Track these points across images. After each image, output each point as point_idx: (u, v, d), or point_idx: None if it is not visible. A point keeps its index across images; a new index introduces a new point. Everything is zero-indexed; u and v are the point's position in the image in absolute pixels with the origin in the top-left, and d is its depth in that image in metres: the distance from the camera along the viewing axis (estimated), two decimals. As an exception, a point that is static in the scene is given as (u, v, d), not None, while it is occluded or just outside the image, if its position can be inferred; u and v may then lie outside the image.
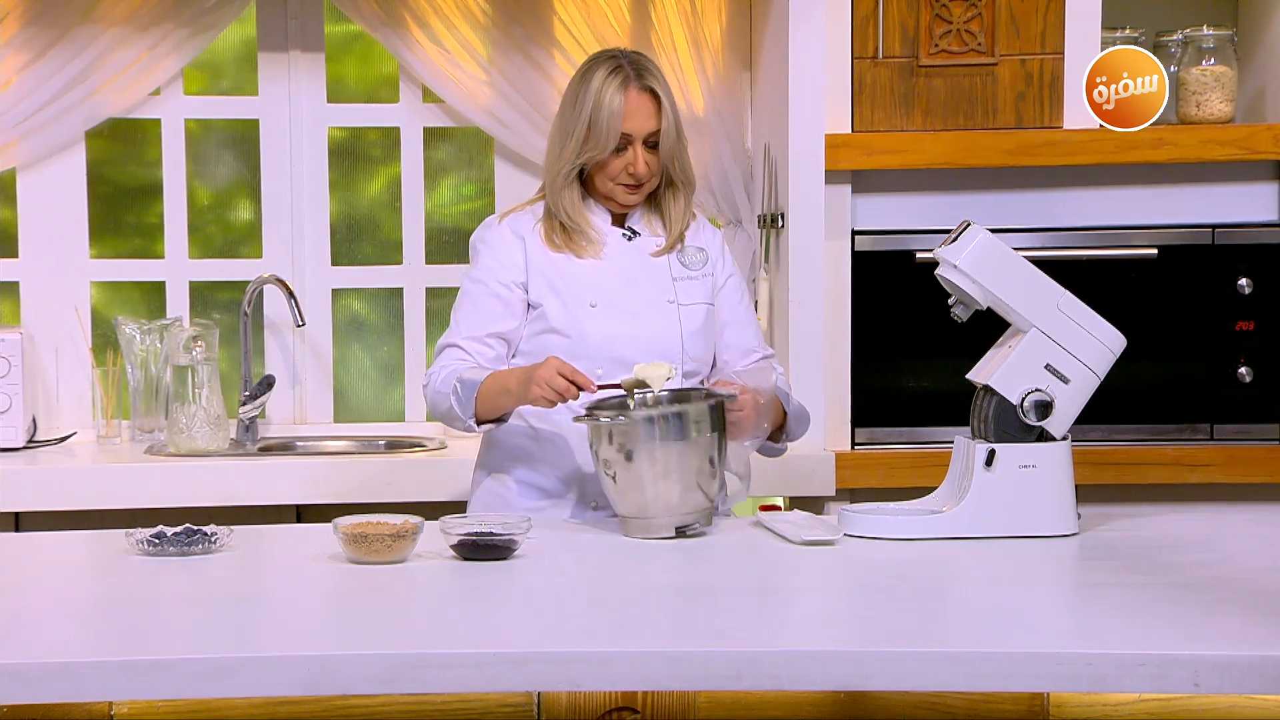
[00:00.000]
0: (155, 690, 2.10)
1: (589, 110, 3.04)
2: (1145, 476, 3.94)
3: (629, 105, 3.04)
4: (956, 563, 2.69)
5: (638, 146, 3.06)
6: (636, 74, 3.05)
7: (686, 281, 3.15)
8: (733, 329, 3.20)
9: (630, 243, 3.15)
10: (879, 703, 2.28)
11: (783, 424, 3.09)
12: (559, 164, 3.09)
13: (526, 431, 3.11)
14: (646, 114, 3.06)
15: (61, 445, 4.19)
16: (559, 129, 3.11)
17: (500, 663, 2.11)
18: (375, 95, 4.47)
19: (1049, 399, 2.86)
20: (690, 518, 2.84)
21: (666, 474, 2.80)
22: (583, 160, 3.07)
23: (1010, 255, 2.91)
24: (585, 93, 3.05)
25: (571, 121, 3.07)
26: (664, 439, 2.81)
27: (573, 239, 3.11)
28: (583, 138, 3.05)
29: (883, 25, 3.92)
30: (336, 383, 4.46)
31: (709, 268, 3.18)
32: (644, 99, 3.06)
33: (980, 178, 3.98)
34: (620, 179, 3.08)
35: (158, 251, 4.40)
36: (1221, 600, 2.40)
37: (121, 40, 4.21)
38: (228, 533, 2.78)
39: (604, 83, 3.04)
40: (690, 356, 3.10)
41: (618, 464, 2.82)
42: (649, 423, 2.81)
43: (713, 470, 2.85)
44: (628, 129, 3.04)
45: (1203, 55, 4.04)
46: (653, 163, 3.09)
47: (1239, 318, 4.00)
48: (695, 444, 2.83)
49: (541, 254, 3.11)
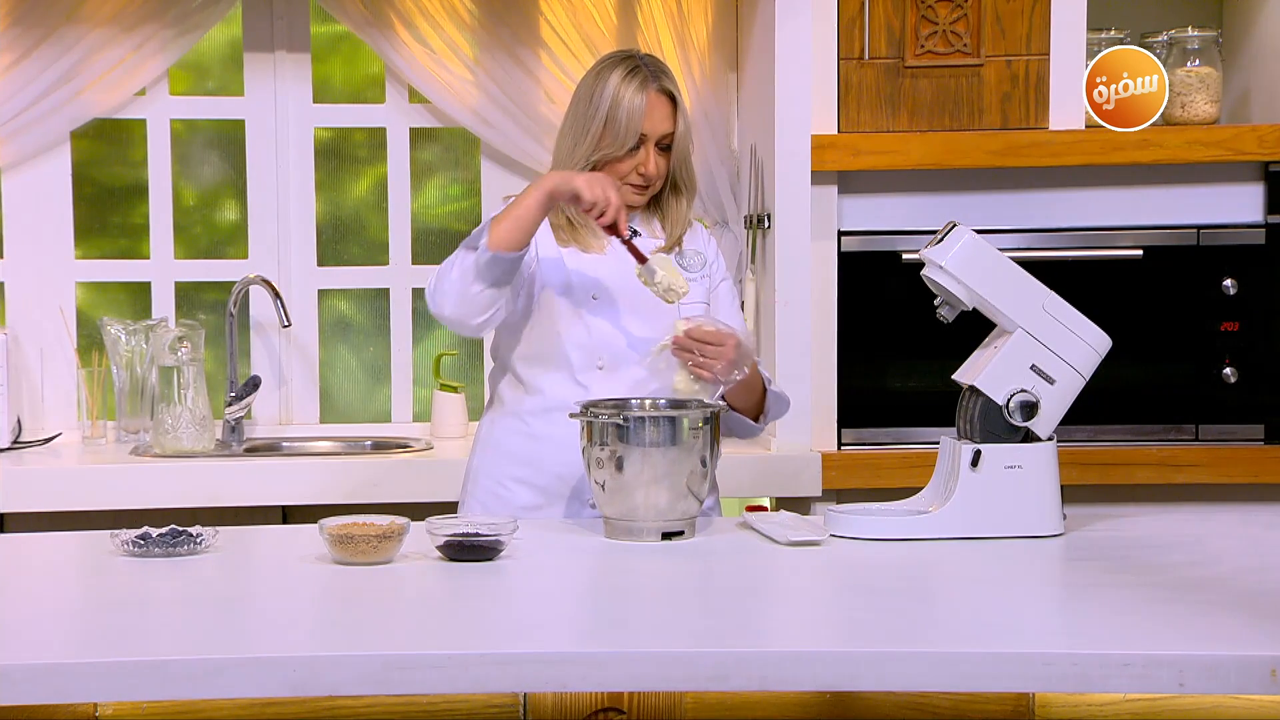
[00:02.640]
0: (141, 691, 2.10)
1: (606, 108, 3.04)
2: (1131, 477, 3.95)
3: (648, 105, 3.04)
4: (942, 563, 2.69)
5: (650, 147, 3.07)
6: (655, 75, 3.06)
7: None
8: None
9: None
10: (865, 703, 2.29)
11: (761, 401, 3.10)
12: (571, 160, 3.08)
13: (523, 431, 3.11)
14: (663, 115, 3.06)
15: (47, 446, 4.19)
16: (571, 126, 3.10)
17: (486, 663, 2.11)
18: (361, 96, 4.47)
19: (1034, 400, 2.87)
20: (678, 524, 2.83)
21: (656, 480, 2.80)
22: (598, 157, 3.06)
23: (996, 256, 2.91)
24: (602, 91, 3.05)
25: (586, 120, 3.06)
26: (656, 444, 2.81)
27: (578, 232, 3.12)
28: (598, 135, 3.05)
29: (869, 26, 3.92)
30: (322, 383, 4.46)
31: (706, 270, 3.19)
32: (662, 100, 3.06)
33: (966, 178, 3.98)
34: (630, 179, 3.09)
35: (143, 252, 4.39)
36: (1207, 600, 2.40)
37: (107, 40, 4.21)
38: (213, 534, 2.77)
39: (623, 81, 3.04)
40: None
41: (608, 466, 2.82)
42: (642, 425, 2.81)
43: (704, 479, 2.85)
44: (645, 129, 3.05)
45: (1188, 56, 4.05)
46: (662, 165, 3.09)
47: (1224, 318, 4.00)
48: (688, 450, 2.82)
49: (550, 245, 3.11)
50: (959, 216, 3.40)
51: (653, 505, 2.80)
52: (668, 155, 3.09)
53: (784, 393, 3.18)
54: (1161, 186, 4.01)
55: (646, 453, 2.80)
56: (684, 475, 2.81)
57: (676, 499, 2.81)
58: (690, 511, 2.84)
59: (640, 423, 2.81)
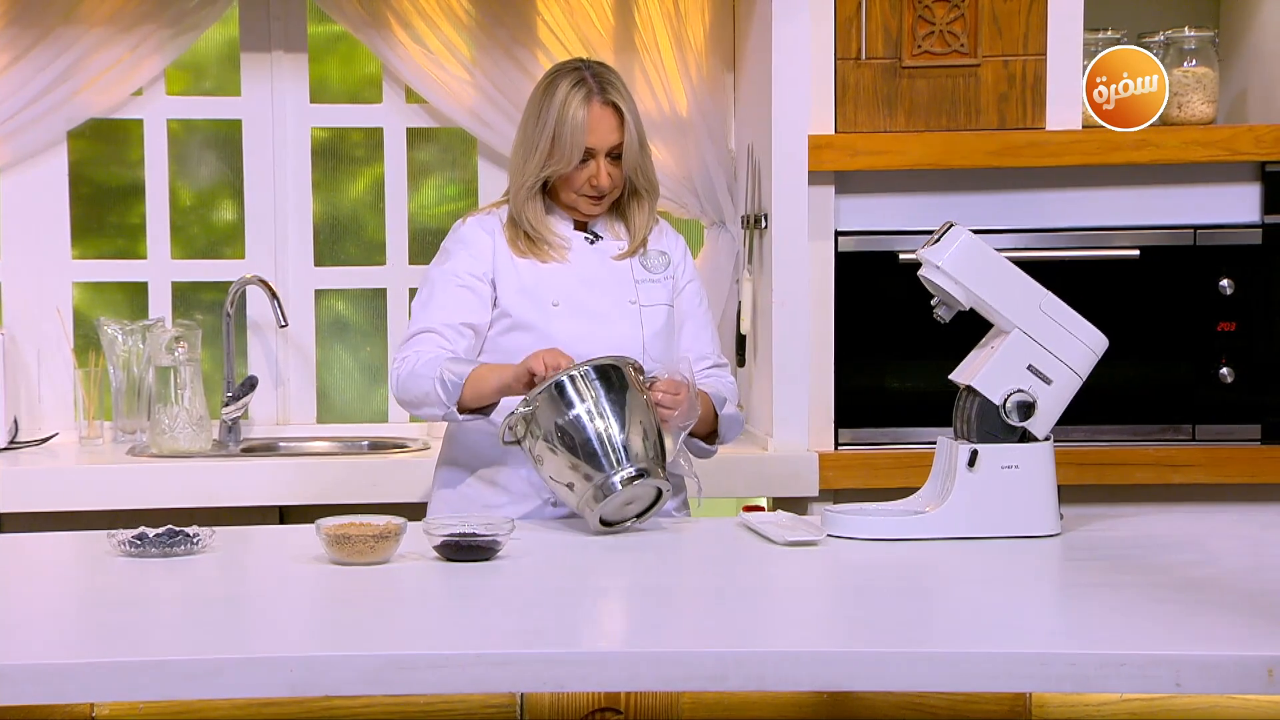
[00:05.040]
0: (138, 691, 2.10)
1: (552, 125, 3.06)
2: (1128, 477, 3.95)
3: (592, 120, 3.06)
4: (939, 563, 2.69)
5: (600, 160, 3.08)
6: (600, 88, 3.07)
7: (648, 284, 3.17)
8: (689, 333, 3.22)
9: (593, 246, 3.17)
10: (862, 703, 2.29)
11: (714, 425, 3.11)
12: (523, 176, 3.11)
13: (488, 429, 3.11)
14: (609, 128, 3.07)
15: (43, 446, 4.18)
16: (522, 142, 3.13)
17: (483, 663, 2.11)
18: (358, 96, 4.46)
19: (1031, 400, 2.87)
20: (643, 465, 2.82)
21: (601, 416, 2.81)
22: (546, 174, 3.09)
23: (993, 256, 2.91)
24: (549, 107, 3.07)
25: (535, 135, 3.09)
26: (570, 406, 2.82)
27: (536, 246, 3.14)
28: (546, 151, 3.07)
29: (866, 26, 3.92)
30: (319, 383, 4.45)
31: (670, 270, 3.20)
32: (607, 113, 3.07)
33: (963, 179, 3.98)
34: (583, 190, 3.11)
35: (140, 252, 4.39)
36: (1204, 600, 2.40)
37: (104, 40, 4.21)
38: (210, 534, 2.77)
39: (567, 96, 3.06)
40: (652, 357, 3.11)
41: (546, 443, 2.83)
42: (549, 397, 2.83)
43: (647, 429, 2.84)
44: (591, 143, 3.07)
45: (1185, 56, 4.05)
46: (615, 175, 3.11)
47: (1221, 318, 4.00)
48: (624, 395, 2.83)
49: (506, 256, 3.14)
50: (956, 216, 3.40)
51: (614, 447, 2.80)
52: (620, 164, 3.10)
53: (737, 413, 3.20)
54: (1158, 187, 4.01)
55: (565, 416, 2.81)
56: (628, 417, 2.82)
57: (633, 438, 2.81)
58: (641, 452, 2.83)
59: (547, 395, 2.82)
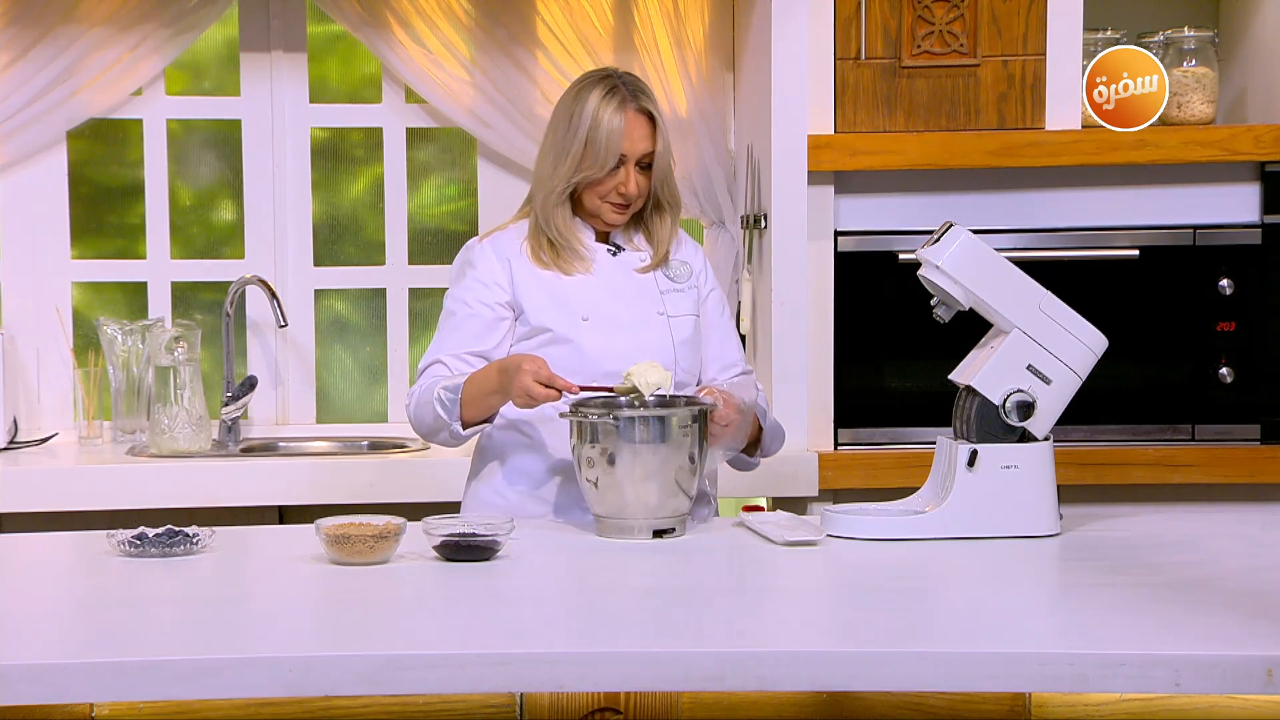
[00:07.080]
0: (137, 692, 2.10)
1: (586, 130, 3.04)
2: (1127, 477, 3.95)
3: (627, 125, 3.04)
4: (939, 563, 2.69)
5: (631, 167, 3.06)
6: (633, 95, 3.06)
7: (674, 294, 3.16)
8: (714, 342, 3.21)
9: (615, 258, 3.15)
10: (862, 703, 2.29)
11: (758, 439, 3.10)
12: (552, 182, 3.08)
13: (521, 442, 3.11)
14: (642, 134, 3.06)
15: (43, 446, 4.18)
16: (552, 147, 3.09)
17: (483, 663, 2.11)
18: (358, 96, 4.46)
19: (1031, 399, 2.87)
20: (668, 522, 2.85)
21: (647, 477, 2.81)
22: (579, 179, 3.06)
23: (992, 256, 2.91)
24: (581, 112, 3.05)
25: (566, 141, 3.06)
26: (646, 441, 2.82)
27: (561, 255, 3.11)
28: (579, 156, 3.05)
29: (865, 26, 3.92)
30: (319, 383, 4.45)
31: (693, 280, 3.19)
32: (640, 120, 3.06)
33: (962, 179, 3.98)
34: (610, 198, 3.09)
35: (139, 252, 4.39)
36: (1203, 600, 2.41)
37: (103, 40, 4.20)
38: (210, 534, 2.77)
39: (601, 102, 3.04)
40: (682, 367, 3.11)
41: (599, 464, 2.83)
42: (632, 424, 2.82)
43: (693, 476, 2.86)
44: (625, 149, 3.04)
45: (1184, 56, 4.05)
46: (643, 184, 3.09)
47: (1220, 318, 4.01)
48: (677, 448, 2.84)
49: (529, 273, 3.11)
50: (955, 216, 3.40)
51: (643, 503, 2.82)
52: (648, 174, 3.09)
53: (780, 426, 3.19)
54: (1158, 187, 4.01)
55: (636, 450, 2.81)
56: (673, 472, 2.83)
57: (667, 496, 2.83)
58: (680, 509, 2.86)
59: (630, 422, 2.82)
